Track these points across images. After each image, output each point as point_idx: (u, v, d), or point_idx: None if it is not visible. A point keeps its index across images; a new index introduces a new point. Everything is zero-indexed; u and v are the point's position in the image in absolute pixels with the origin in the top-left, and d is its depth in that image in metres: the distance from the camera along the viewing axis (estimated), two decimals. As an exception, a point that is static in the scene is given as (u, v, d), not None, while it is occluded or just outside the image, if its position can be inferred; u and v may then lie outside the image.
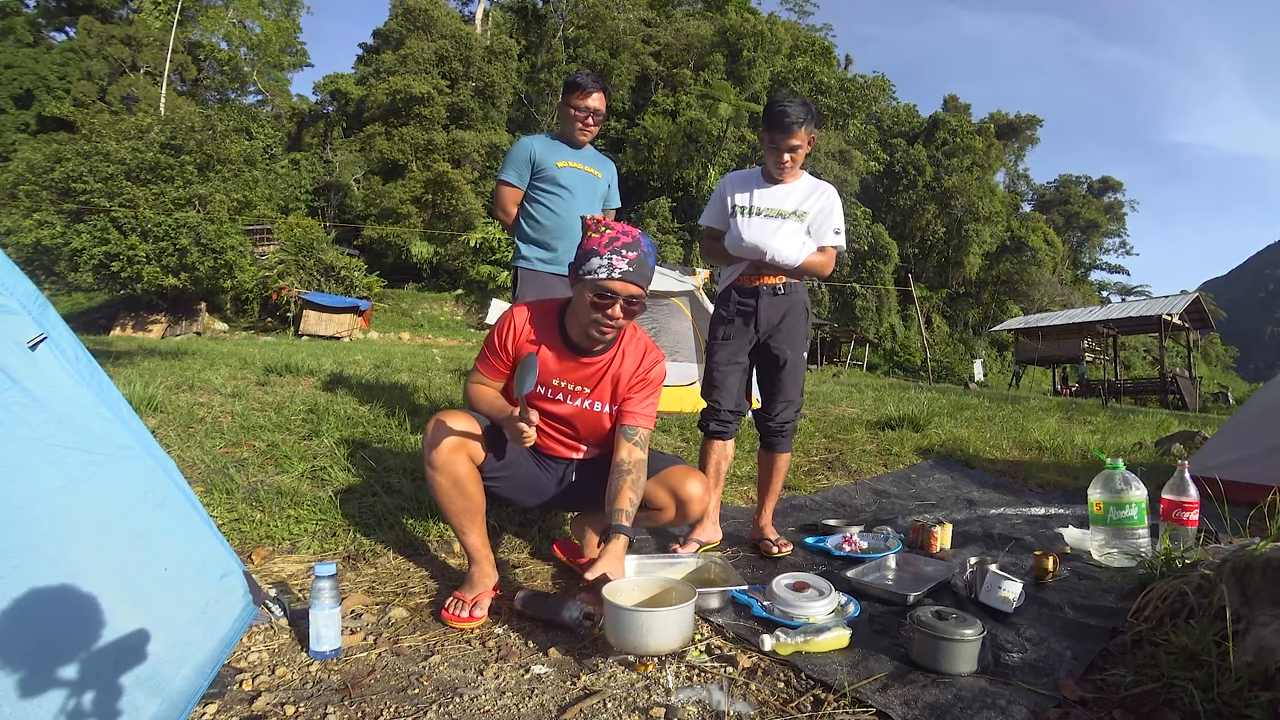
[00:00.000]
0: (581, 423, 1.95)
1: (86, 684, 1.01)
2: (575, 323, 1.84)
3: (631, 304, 1.75)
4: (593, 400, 1.91)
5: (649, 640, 1.43)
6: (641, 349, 1.96)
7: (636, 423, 1.89)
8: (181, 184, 19.13)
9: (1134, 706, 1.31)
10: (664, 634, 1.44)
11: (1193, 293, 22.31)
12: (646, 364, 1.94)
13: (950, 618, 1.49)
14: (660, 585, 1.66)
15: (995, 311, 38.17)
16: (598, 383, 1.90)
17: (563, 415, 1.93)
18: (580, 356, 1.87)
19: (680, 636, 1.46)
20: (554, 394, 1.90)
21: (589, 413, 1.92)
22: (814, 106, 2.28)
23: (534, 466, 1.98)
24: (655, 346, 1.98)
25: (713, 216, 2.41)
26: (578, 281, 1.77)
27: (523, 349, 1.86)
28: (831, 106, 34.98)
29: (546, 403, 1.90)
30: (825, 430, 4.84)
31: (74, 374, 1.20)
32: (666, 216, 28.92)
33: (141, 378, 4.05)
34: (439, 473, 1.73)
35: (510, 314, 1.92)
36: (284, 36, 36.74)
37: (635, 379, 1.93)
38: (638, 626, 1.44)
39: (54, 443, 1.10)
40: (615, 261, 1.70)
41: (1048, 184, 50.90)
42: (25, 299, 1.15)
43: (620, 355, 1.92)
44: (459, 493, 1.76)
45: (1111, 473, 2.29)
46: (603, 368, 1.90)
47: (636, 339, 1.97)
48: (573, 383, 1.89)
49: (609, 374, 1.90)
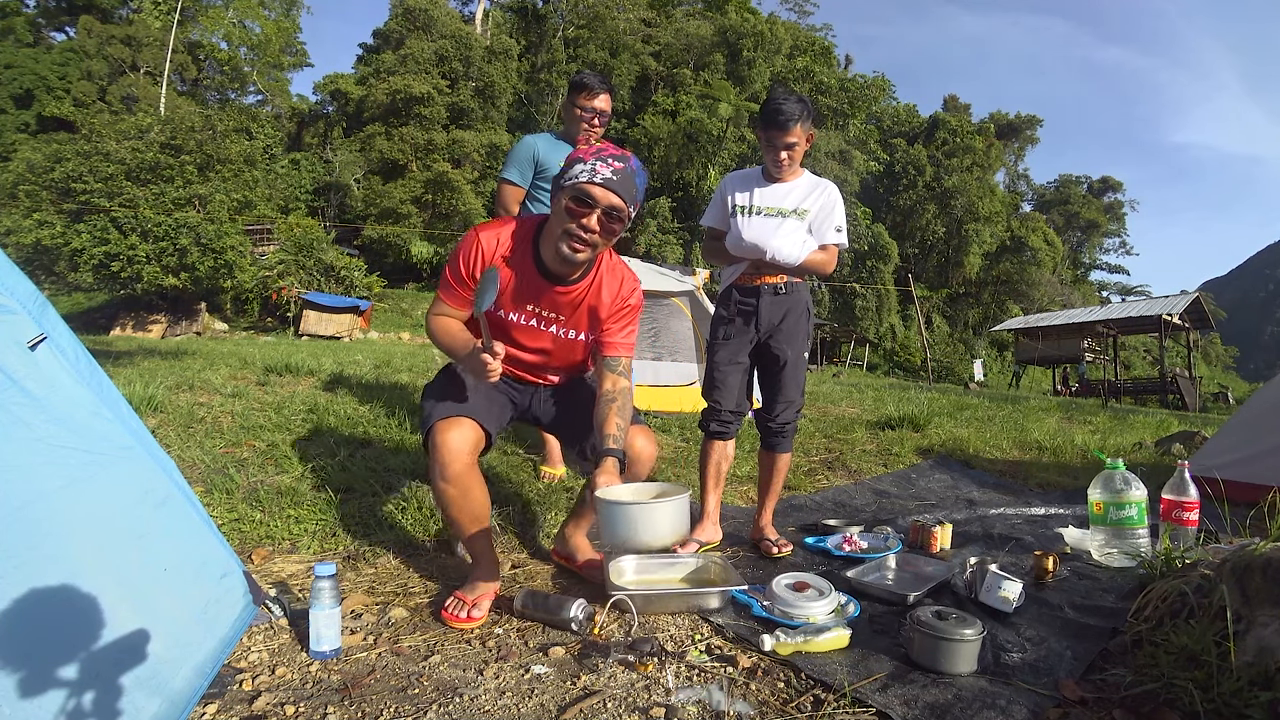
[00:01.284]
0: (556, 351, 1.88)
1: (86, 684, 1.01)
2: (550, 242, 1.71)
3: (611, 218, 1.64)
4: (568, 329, 1.83)
5: (640, 534, 1.42)
6: (619, 275, 1.86)
7: (618, 353, 1.85)
8: (181, 184, 19.12)
9: (1134, 706, 1.31)
10: (653, 528, 1.42)
11: (1193, 293, 22.32)
12: (625, 291, 1.85)
13: (950, 618, 1.49)
14: (656, 491, 1.63)
15: (995, 311, 38.17)
16: (574, 310, 1.82)
17: (534, 343, 1.85)
18: (556, 285, 1.77)
19: (671, 531, 1.45)
20: (528, 320, 1.81)
21: (564, 341, 1.85)
22: (810, 103, 2.27)
23: (502, 394, 1.93)
24: (633, 273, 1.90)
25: (714, 217, 2.41)
26: (557, 192, 1.67)
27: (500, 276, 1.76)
28: (831, 106, 34.99)
29: (520, 330, 1.82)
30: (825, 430, 4.84)
31: (74, 374, 1.20)
32: (666, 216, 28.93)
33: (141, 378, 4.05)
34: (450, 485, 1.68)
35: (475, 236, 1.76)
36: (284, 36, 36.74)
37: (615, 307, 1.84)
38: (628, 520, 1.42)
39: (54, 443, 1.10)
40: (599, 168, 1.60)
41: (1048, 184, 50.94)
42: (25, 299, 1.15)
43: (598, 282, 1.82)
44: (468, 502, 1.73)
45: (1111, 473, 2.29)
46: (580, 295, 1.80)
47: (613, 265, 1.86)
48: (547, 309, 1.80)
49: (585, 302, 1.81)
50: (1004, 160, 45.42)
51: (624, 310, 1.86)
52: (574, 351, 1.90)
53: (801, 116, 2.21)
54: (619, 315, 1.86)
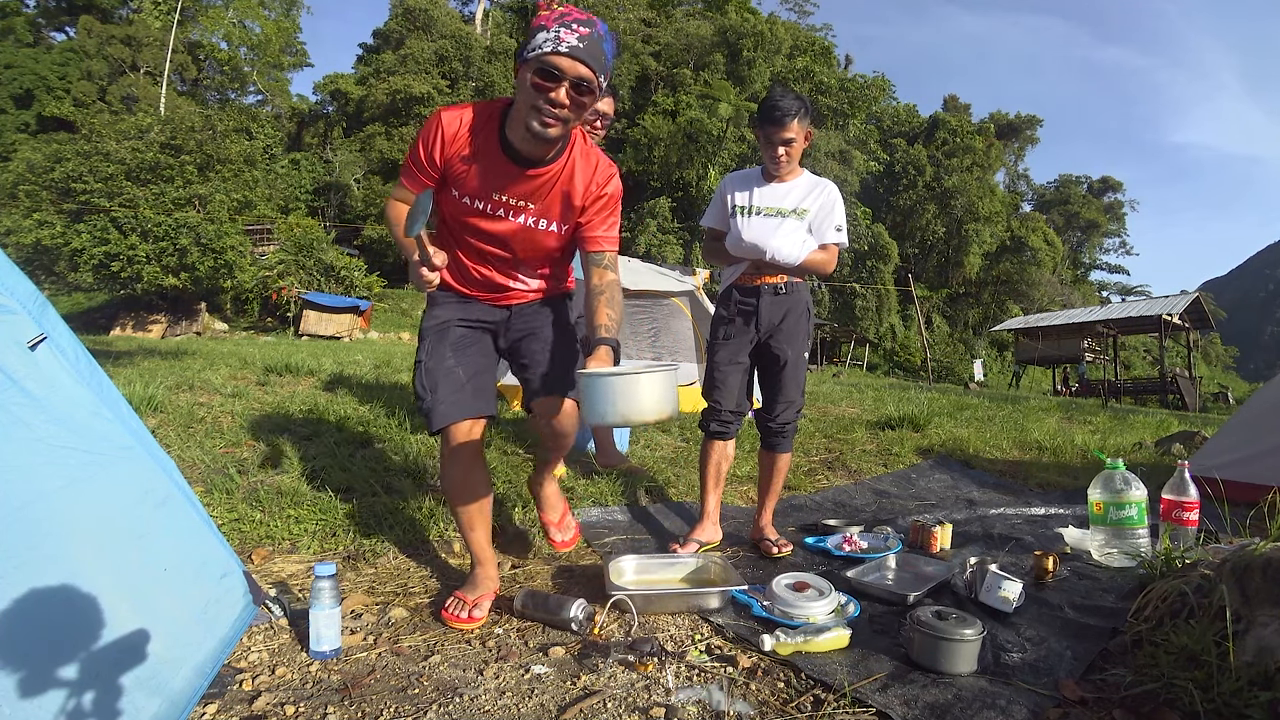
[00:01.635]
0: (521, 243, 1.75)
1: (86, 684, 1.01)
2: (517, 122, 1.57)
3: (580, 90, 1.51)
4: (539, 217, 1.71)
5: (619, 406, 1.35)
6: (594, 160, 1.73)
7: (602, 247, 1.75)
8: (181, 184, 19.13)
9: (1134, 706, 1.31)
10: (635, 399, 1.35)
11: (1193, 293, 22.32)
12: (601, 177, 1.73)
13: (950, 618, 1.49)
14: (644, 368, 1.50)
15: (995, 311, 38.16)
16: (545, 196, 1.69)
17: (501, 234, 1.72)
18: (525, 168, 1.63)
19: (654, 405, 1.36)
20: (494, 209, 1.68)
21: (532, 231, 1.72)
22: (808, 101, 2.27)
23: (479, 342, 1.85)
24: (608, 159, 1.77)
25: (714, 217, 2.41)
26: (521, 65, 1.53)
27: (453, 162, 1.64)
28: (831, 106, 34.98)
29: (483, 219, 1.70)
30: (825, 430, 4.84)
31: (74, 374, 1.20)
32: (666, 216, 28.91)
33: (141, 378, 4.05)
34: (455, 465, 1.76)
35: (437, 116, 1.64)
36: (284, 36, 36.75)
37: (590, 196, 1.73)
38: (607, 392, 1.35)
39: (54, 443, 1.10)
40: (563, 35, 1.48)
41: (1048, 184, 50.93)
42: (25, 299, 1.15)
43: (570, 165, 1.69)
44: (471, 493, 1.79)
45: (1111, 473, 2.29)
46: (551, 180, 1.67)
47: (587, 150, 1.73)
48: (516, 197, 1.67)
49: (558, 187, 1.69)
50: (1004, 160, 45.41)
51: (601, 200, 1.74)
52: (544, 243, 1.76)
53: (799, 113, 2.21)
54: (597, 206, 1.74)
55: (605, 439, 3.31)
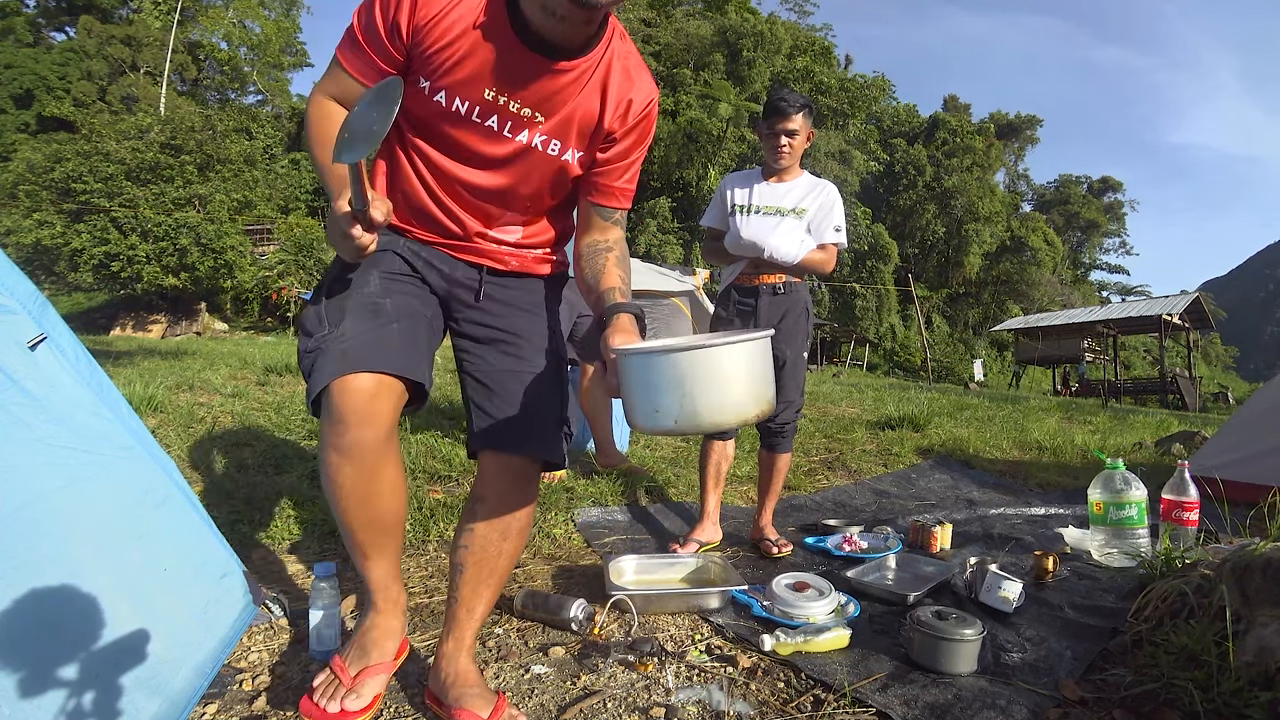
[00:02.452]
0: (520, 176, 1.22)
1: (86, 684, 1.01)
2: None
3: None
4: (550, 137, 1.19)
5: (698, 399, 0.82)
6: (639, 63, 1.23)
7: (617, 202, 1.29)
8: (181, 184, 19.13)
9: (1134, 706, 1.31)
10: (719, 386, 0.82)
11: (1193, 293, 22.32)
12: (642, 93, 1.22)
13: (950, 618, 1.49)
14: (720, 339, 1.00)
15: (995, 311, 38.17)
16: (563, 106, 1.16)
17: (493, 157, 1.18)
18: (550, 59, 1.11)
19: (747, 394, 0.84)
20: (487, 118, 1.14)
21: (539, 158, 1.20)
22: (812, 103, 2.30)
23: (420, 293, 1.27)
24: (650, 75, 1.27)
25: (714, 217, 2.42)
26: None
27: (431, 35, 1.08)
28: (831, 106, 34.99)
29: (469, 131, 1.16)
30: (825, 430, 4.84)
31: (74, 374, 1.20)
32: (666, 216, 28.92)
33: (141, 378, 4.05)
34: (347, 458, 1.12)
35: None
36: (284, 36, 36.76)
37: (624, 119, 1.21)
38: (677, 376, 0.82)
39: (54, 443, 1.10)
40: None
41: (1048, 184, 50.93)
42: (25, 299, 1.15)
43: (608, 61, 1.17)
44: (372, 491, 1.16)
45: (1111, 473, 2.29)
46: (579, 81, 1.15)
47: (627, 48, 1.21)
48: (524, 103, 1.14)
49: (584, 96, 1.17)
50: (1004, 160, 45.42)
51: (637, 129, 1.24)
52: (551, 178, 1.24)
53: (802, 107, 2.25)
54: (632, 137, 1.25)
55: (605, 438, 3.31)
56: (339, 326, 1.15)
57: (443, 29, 1.08)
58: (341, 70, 1.14)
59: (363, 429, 1.11)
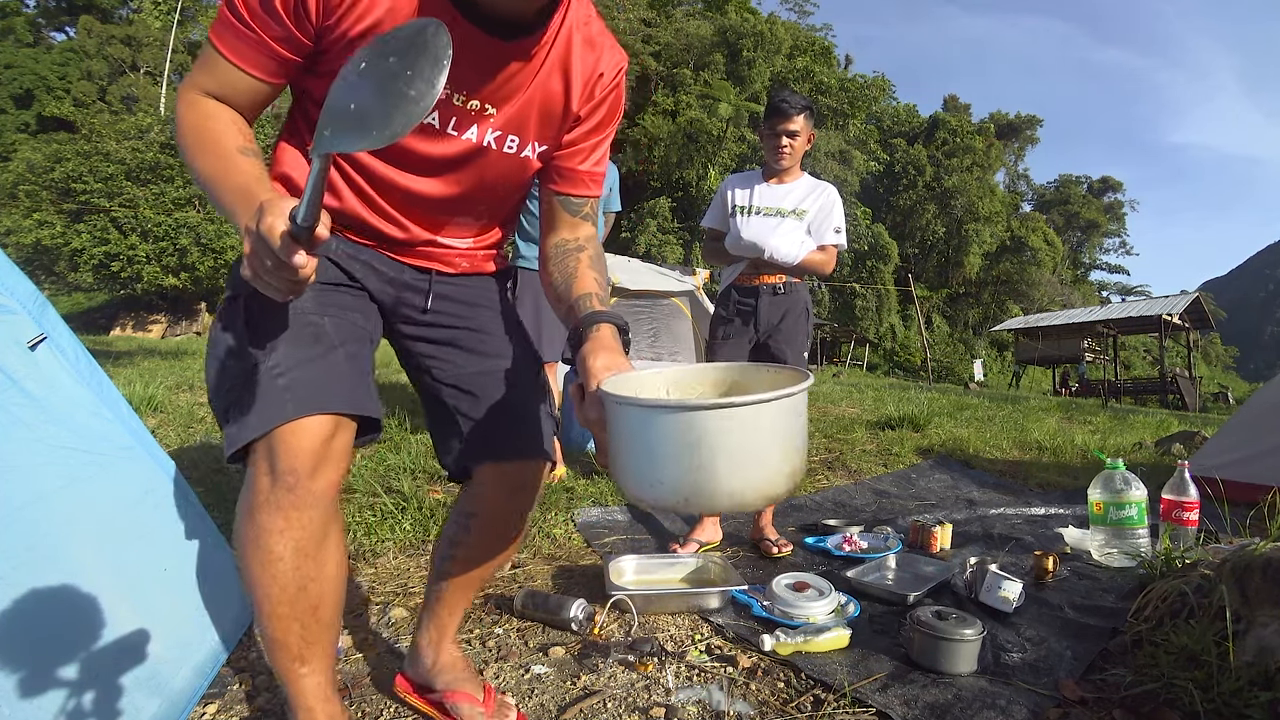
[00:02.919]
0: (471, 177, 1.04)
1: (86, 684, 1.01)
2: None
3: None
4: (505, 131, 1.01)
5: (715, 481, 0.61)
6: (601, 28, 1.04)
7: (585, 189, 1.11)
8: (181, 184, 19.13)
9: (1134, 706, 1.31)
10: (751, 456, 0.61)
11: (1193, 293, 22.32)
12: (608, 64, 1.05)
13: (950, 618, 1.49)
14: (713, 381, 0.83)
15: (995, 311, 38.18)
16: (519, 93, 0.98)
17: (440, 159, 1.00)
18: (500, 38, 0.92)
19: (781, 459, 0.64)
20: (431, 116, 0.96)
21: (493, 157, 1.02)
22: (813, 105, 2.31)
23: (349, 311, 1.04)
24: (614, 38, 1.08)
25: (714, 218, 2.42)
26: None
27: (346, 21, 0.87)
28: (831, 106, 34.99)
29: (416, 138, 0.97)
30: (825, 430, 4.84)
31: (74, 374, 1.20)
32: (666, 216, 28.91)
33: (141, 378, 4.05)
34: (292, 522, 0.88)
35: None
36: (284, 36, 36.76)
37: (590, 96, 1.05)
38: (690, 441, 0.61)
39: (54, 443, 1.10)
40: None
41: (1048, 184, 50.97)
42: (25, 299, 1.16)
43: (565, 39, 0.99)
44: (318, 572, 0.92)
45: (1111, 473, 2.29)
46: (534, 61, 0.97)
47: (586, 11, 1.03)
48: (474, 95, 0.96)
49: (541, 78, 0.99)
50: (1004, 160, 45.44)
51: (604, 106, 1.07)
52: (508, 176, 1.07)
53: (804, 108, 2.26)
54: (597, 115, 1.07)
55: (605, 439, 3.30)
56: (270, 355, 0.91)
57: (364, 6, 0.86)
58: (222, 60, 0.87)
59: (316, 480, 0.89)
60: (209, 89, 0.90)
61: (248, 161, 0.85)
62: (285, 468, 0.88)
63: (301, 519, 0.89)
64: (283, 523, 0.88)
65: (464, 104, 0.96)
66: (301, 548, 0.89)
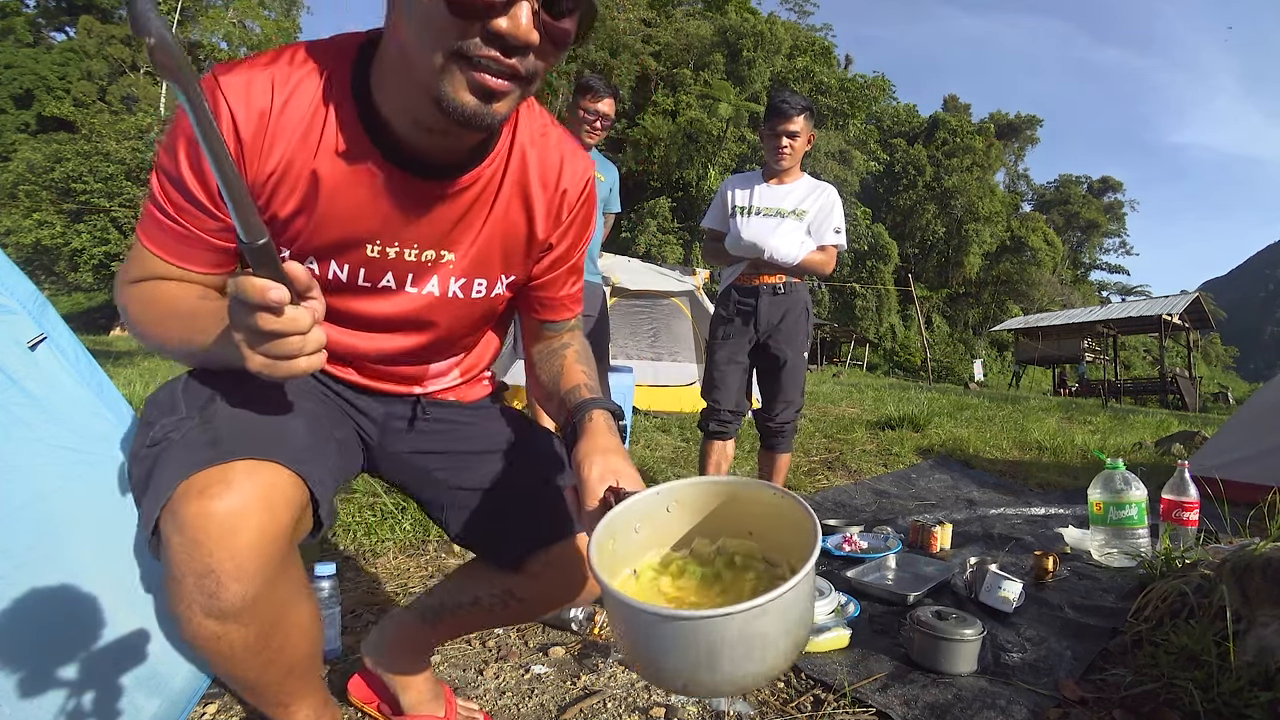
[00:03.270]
0: (440, 328, 0.98)
1: (86, 684, 1.01)
2: (403, 87, 0.76)
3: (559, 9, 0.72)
4: (467, 276, 0.93)
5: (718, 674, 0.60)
6: (560, 136, 0.95)
7: (568, 314, 1.06)
8: (181, 184, 19.15)
9: (1134, 706, 1.31)
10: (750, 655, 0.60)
11: (1193, 293, 22.32)
12: (571, 176, 0.95)
13: (950, 618, 1.49)
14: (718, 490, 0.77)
15: (995, 311, 38.19)
16: (474, 231, 0.90)
17: (395, 317, 0.93)
18: (437, 180, 0.84)
19: (790, 652, 0.62)
20: (375, 277, 0.88)
21: (454, 304, 0.95)
22: (813, 105, 2.31)
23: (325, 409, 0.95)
24: (574, 140, 0.98)
25: (714, 219, 2.42)
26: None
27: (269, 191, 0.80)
28: (831, 106, 35.00)
29: (357, 299, 0.90)
30: (825, 430, 4.84)
31: (74, 374, 1.20)
32: (666, 216, 28.92)
33: (141, 378, 4.05)
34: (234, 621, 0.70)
35: (214, 91, 0.76)
36: (284, 37, 36.73)
37: (563, 220, 0.96)
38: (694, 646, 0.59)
39: (54, 443, 1.10)
40: None
41: (1048, 184, 51.00)
42: (25, 299, 1.15)
43: (520, 152, 0.90)
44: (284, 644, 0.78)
45: (1111, 473, 2.29)
46: (485, 193, 0.88)
47: (538, 121, 0.93)
48: (420, 245, 0.88)
49: (499, 209, 0.90)
50: (1004, 160, 45.45)
51: (574, 224, 0.98)
52: (476, 316, 1.00)
53: (804, 109, 2.27)
54: (570, 235, 0.99)
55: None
56: (205, 410, 0.77)
57: (288, 184, 0.80)
58: (160, 262, 0.82)
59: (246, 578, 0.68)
60: (151, 274, 0.84)
61: (215, 303, 0.78)
62: (196, 537, 0.66)
63: (239, 614, 0.70)
64: (217, 629, 0.70)
65: (417, 258, 0.88)
66: (251, 645, 0.73)
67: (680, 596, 0.70)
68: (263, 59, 0.79)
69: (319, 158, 0.80)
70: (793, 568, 0.69)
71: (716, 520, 0.76)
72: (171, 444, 0.74)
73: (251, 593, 0.69)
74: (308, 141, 0.79)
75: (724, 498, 0.76)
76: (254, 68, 0.78)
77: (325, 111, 0.79)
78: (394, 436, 1.04)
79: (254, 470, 0.70)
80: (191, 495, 0.68)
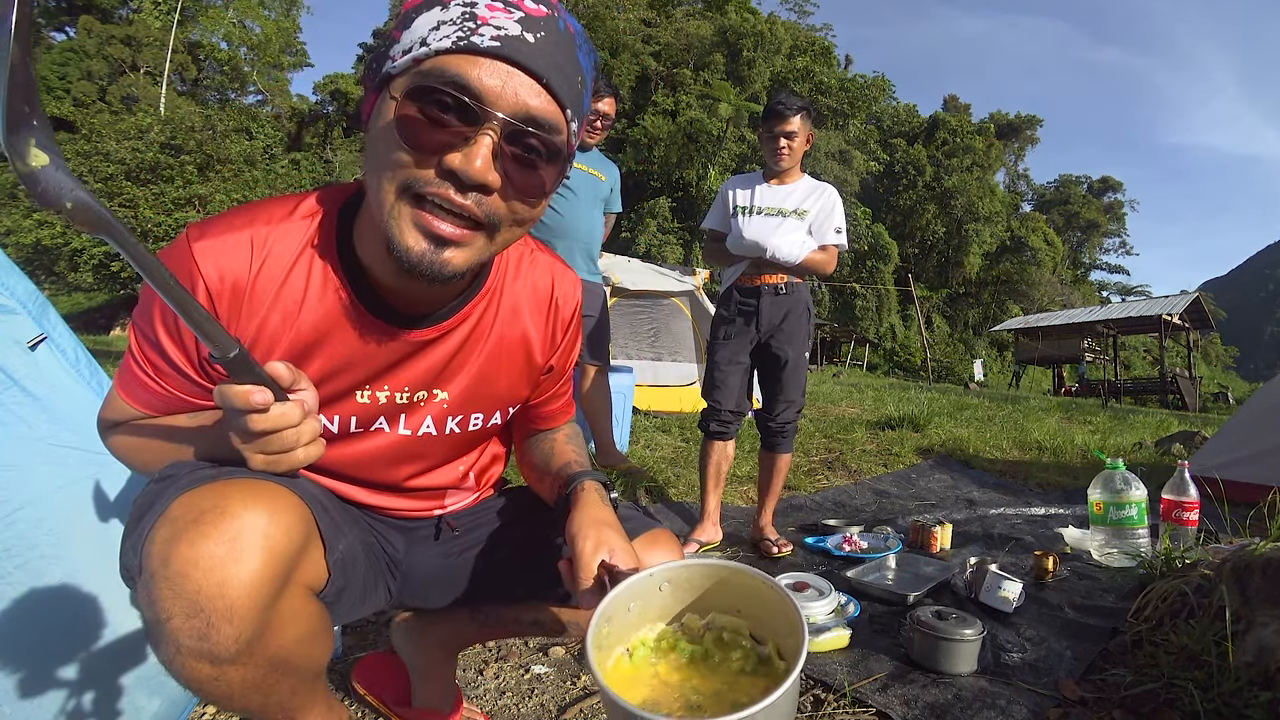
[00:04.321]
0: (440, 461, 0.98)
1: (86, 684, 1.01)
2: (375, 235, 0.74)
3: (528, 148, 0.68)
4: (463, 414, 0.92)
5: None
6: (547, 265, 0.95)
7: (562, 420, 1.09)
8: (181, 184, 19.11)
9: (1134, 706, 1.31)
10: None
11: (1193, 293, 22.32)
12: (564, 290, 0.96)
13: (950, 618, 1.49)
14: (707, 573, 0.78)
15: (995, 311, 38.21)
16: (465, 367, 0.89)
17: (388, 456, 0.91)
18: (410, 330, 0.82)
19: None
20: (366, 422, 0.87)
21: (450, 440, 0.94)
22: (811, 106, 2.31)
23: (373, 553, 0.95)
24: (552, 256, 0.98)
25: (715, 219, 2.42)
26: (376, 94, 0.71)
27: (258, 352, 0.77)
28: (831, 106, 35.04)
29: (350, 445, 0.88)
30: (825, 430, 4.84)
31: (74, 374, 1.20)
32: (666, 216, 28.93)
33: (141, 378, 4.05)
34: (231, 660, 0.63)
35: (188, 255, 0.74)
36: (284, 36, 36.80)
37: (558, 340, 0.97)
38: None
39: (54, 442, 1.10)
40: (491, 14, 0.66)
41: (1048, 184, 51.04)
42: (25, 299, 1.15)
43: (503, 274, 0.89)
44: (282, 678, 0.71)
45: (1111, 473, 2.29)
46: (478, 327, 0.88)
47: (522, 246, 0.92)
48: (414, 387, 0.87)
49: (494, 340, 0.90)
50: (1004, 160, 45.49)
51: (568, 336, 0.99)
52: (477, 449, 1.02)
53: (802, 109, 2.26)
54: (564, 349, 0.99)
55: (605, 439, 3.31)
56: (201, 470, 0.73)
57: (270, 337, 0.77)
58: (136, 412, 0.83)
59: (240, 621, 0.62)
60: (132, 420, 0.83)
61: (206, 415, 0.79)
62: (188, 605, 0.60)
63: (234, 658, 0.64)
64: (211, 671, 0.63)
65: (409, 400, 0.87)
66: (251, 682, 0.67)
67: (673, 681, 0.72)
68: (242, 216, 0.77)
69: (301, 314, 0.78)
70: (778, 650, 0.73)
71: (707, 597, 0.78)
72: (170, 482, 0.71)
73: (248, 633, 0.63)
74: (288, 300, 0.77)
75: (714, 580, 0.79)
76: (230, 229, 0.76)
77: (308, 266, 0.78)
78: (413, 546, 1.03)
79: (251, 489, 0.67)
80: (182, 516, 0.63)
